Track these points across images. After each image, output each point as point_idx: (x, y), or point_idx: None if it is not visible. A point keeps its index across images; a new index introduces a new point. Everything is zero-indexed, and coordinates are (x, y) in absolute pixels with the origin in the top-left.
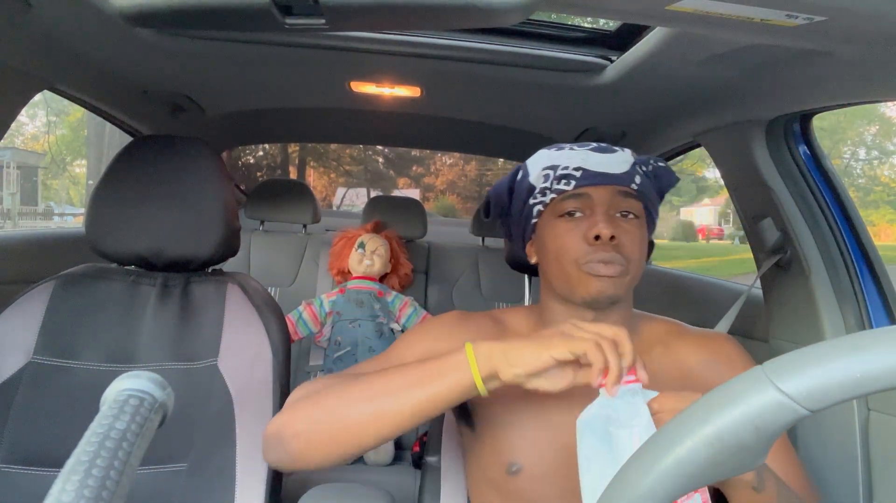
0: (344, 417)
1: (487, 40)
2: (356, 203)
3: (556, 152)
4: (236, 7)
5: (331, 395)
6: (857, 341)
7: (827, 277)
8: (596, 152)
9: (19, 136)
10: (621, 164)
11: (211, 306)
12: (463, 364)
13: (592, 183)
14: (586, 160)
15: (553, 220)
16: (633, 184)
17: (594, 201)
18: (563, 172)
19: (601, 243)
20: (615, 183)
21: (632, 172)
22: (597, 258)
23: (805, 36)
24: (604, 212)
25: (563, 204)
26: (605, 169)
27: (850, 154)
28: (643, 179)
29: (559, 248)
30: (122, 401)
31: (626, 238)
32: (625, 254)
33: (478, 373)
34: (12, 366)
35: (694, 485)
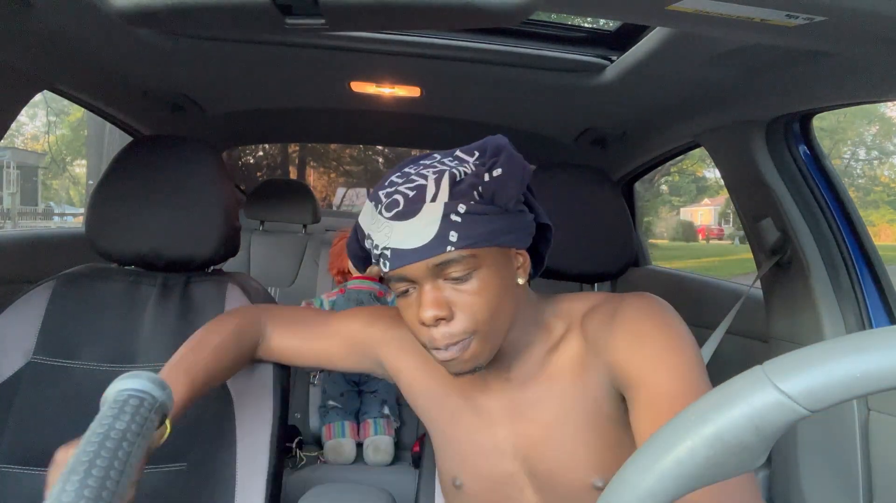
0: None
1: (487, 40)
2: (356, 203)
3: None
4: (236, 7)
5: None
6: (857, 341)
7: (827, 277)
8: (397, 220)
9: (19, 136)
10: (426, 228)
11: (211, 306)
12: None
13: (401, 264)
14: (390, 236)
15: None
16: (447, 246)
17: (416, 279)
18: (377, 252)
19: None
20: (425, 257)
21: (442, 234)
22: (434, 345)
23: (805, 36)
24: (428, 289)
25: (393, 284)
26: (410, 243)
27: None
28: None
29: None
30: (122, 401)
31: (461, 304)
32: (465, 323)
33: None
34: (12, 366)
35: (694, 486)
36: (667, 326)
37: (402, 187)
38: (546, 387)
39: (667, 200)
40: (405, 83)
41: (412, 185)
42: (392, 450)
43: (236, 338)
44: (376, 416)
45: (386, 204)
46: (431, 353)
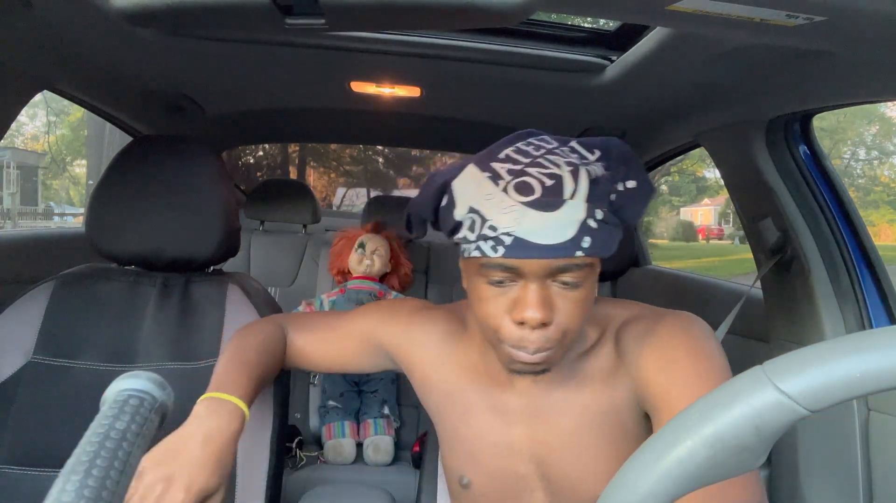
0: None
1: (487, 40)
2: (356, 203)
3: (488, 187)
4: (236, 7)
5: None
6: (857, 341)
7: (827, 277)
8: (534, 209)
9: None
10: (565, 226)
11: (211, 306)
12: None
13: (523, 256)
14: (520, 222)
15: (477, 276)
16: (578, 251)
17: (525, 274)
18: (489, 233)
19: (528, 327)
20: (553, 256)
21: (578, 237)
22: (521, 346)
23: (805, 36)
24: (535, 288)
25: (489, 271)
26: (543, 238)
27: (850, 154)
28: (598, 235)
29: (483, 317)
30: (122, 401)
31: (563, 311)
32: (559, 331)
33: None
34: (12, 366)
35: (694, 486)
36: (701, 351)
37: (533, 171)
38: (573, 392)
39: (667, 200)
40: (405, 83)
41: (546, 172)
42: (392, 450)
43: (270, 340)
44: (376, 416)
45: (514, 184)
46: (505, 349)
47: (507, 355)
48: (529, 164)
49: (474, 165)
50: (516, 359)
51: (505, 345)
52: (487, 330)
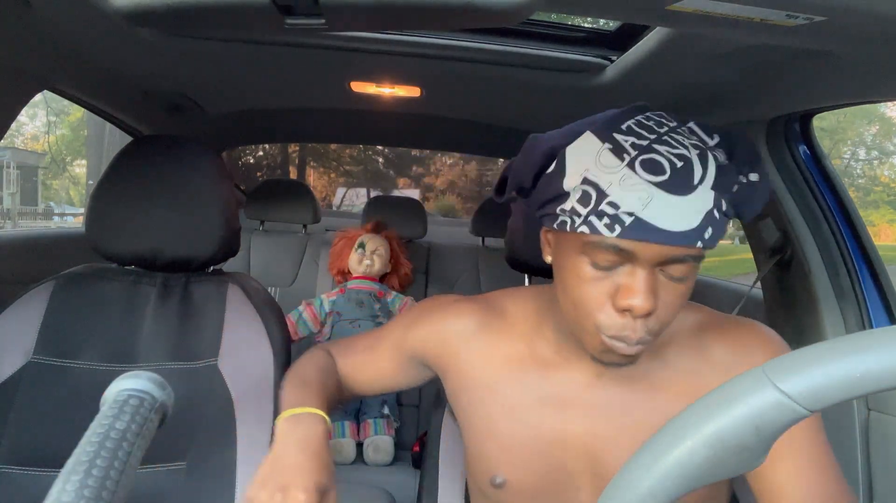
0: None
1: (487, 40)
2: (356, 203)
3: (610, 160)
4: (236, 7)
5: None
6: (857, 341)
7: (827, 277)
8: (664, 190)
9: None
10: (693, 213)
11: (211, 306)
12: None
13: (643, 239)
14: (646, 204)
15: (577, 254)
16: (699, 241)
17: (638, 258)
18: (608, 210)
19: (631, 316)
20: (675, 243)
21: (703, 227)
22: (622, 334)
23: (805, 36)
24: (646, 275)
25: (596, 251)
26: (668, 224)
27: (850, 154)
28: (718, 226)
29: (578, 298)
30: (122, 401)
31: (666, 303)
32: (659, 324)
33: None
34: (12, 366)
35: (694, 486)
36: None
37: (661, 148)
38: (645, 394)
39: None
40: (405, 83)
41: (675, 153)
42: (392, 450)
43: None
44: (376, 416)
45: (642, 161)
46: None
47: (600, 345)
48: (656, 141)
49: (592, 134)
50: (613, 349)
51: (602, 334)
52: (582, 315)
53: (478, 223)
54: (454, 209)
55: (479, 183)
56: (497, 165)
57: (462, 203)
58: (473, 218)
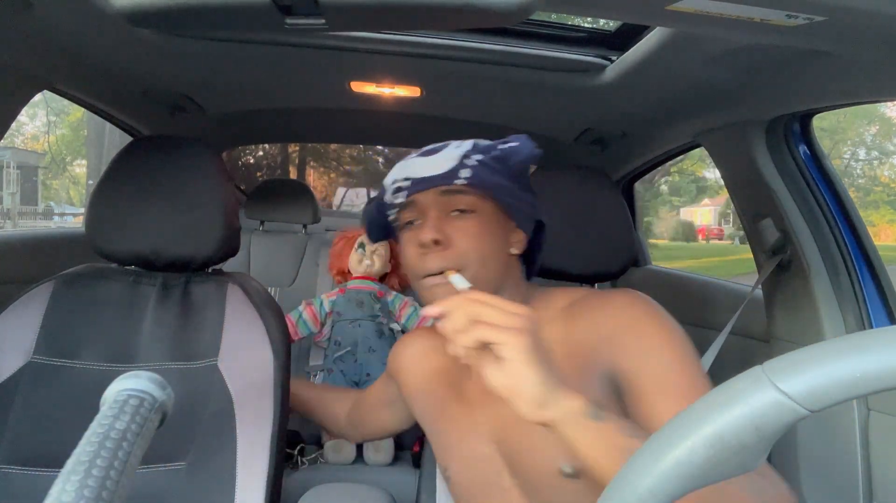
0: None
1: (487, 40)
2: (356, 203)
3: (400, 164)
4: (236, 7)
5: None
6: (857, 341)
7: (827, 277)
8: (421, 156)
9: (19, 136)
10: (445, 161)
11: (211, 306)
12: None
13: (417, 189)
14: (412, 167)
15: (401, 233)
16: (456, 179)
17: (422, 207)
18: (396, 185)
19: (428, 249)
20: (438, 184)
21: (457, 167)
22: (425, 268)
23: (805, 36)
24: (433, 216)
25: (402, 214)
26: (428, 172)
27: (850, 154)
28: (476, 170)
29: (405, 262)
30: (122, 401)
31: (458, 236)
32: (457, 253)
33: None
34: (12, 366)
35: (694, 486)
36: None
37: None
38: None
39: (667, 200)
40: (405, 83)
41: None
42: (392, 450)
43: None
44: None
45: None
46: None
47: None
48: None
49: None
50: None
51: (420, 281)
52: (410, 274)
53: None
54: None
55: None
56: None
57: None
58: None
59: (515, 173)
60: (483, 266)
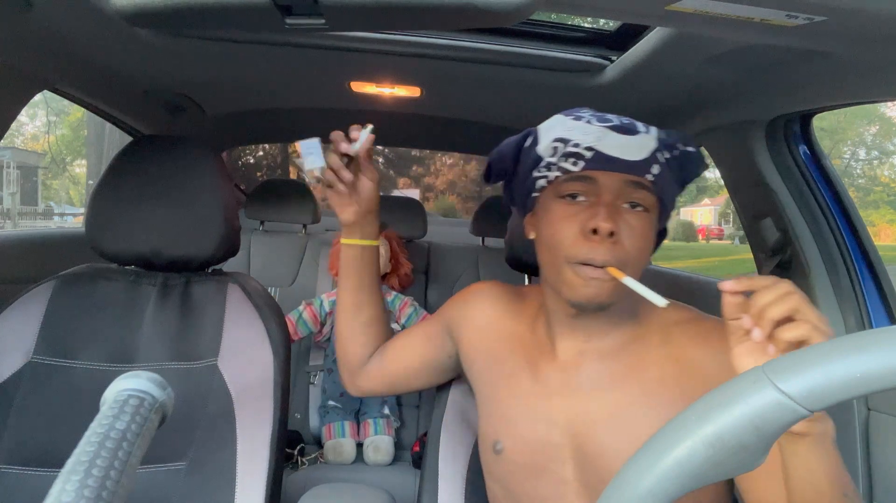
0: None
1: (487, 40)
2: None
3: (572, 122)
4: (236, 7)
5: None
6: (857, 341)
7: (827, 277)
8: (614, 131)
9: (19, 136)
10: (640, 148)
11: (211, 306)
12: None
13: (602, 167)
14: (601, 140)
15: (553, 201)
16: (648, 174)
17: (600, 187)
18: (573, 150)
19: (598, 238)
20: (628, 171)
21: (650, 160)
22: (588, 258)
23: (805, 36)
24: (609, 201)
25: (567, 185)
26: (620, 153)
27: (850, 154)
28: (662, 169)
29: (553, 236)
30: (122, 401)
31: (627, 233)
32: (624, 251)
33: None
34: (12, 366)
35: (694, 485)
36: None
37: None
38: (623, 373)
39: None
40: (405, 83)
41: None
42: (392, 450)
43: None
44: (376, 416)
45: (598, 118)
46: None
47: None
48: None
49: (558, 115)
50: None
51: (572, 265)
52: (555, 252)
53: (478, 223)
54: (454, 209)
55: (479, 183)
56: None
57: (462, 203)
58: (473, 218)
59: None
60: (638, 268)
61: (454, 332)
